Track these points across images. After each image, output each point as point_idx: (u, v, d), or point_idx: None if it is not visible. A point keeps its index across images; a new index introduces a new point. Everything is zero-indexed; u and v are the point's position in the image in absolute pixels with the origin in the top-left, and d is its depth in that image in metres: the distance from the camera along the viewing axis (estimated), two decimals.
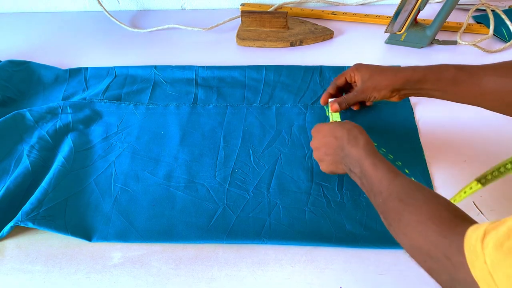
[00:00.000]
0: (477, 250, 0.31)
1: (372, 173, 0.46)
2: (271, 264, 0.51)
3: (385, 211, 0.44)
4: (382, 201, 0.44)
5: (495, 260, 0.30)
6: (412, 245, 0.40)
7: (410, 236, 0.40)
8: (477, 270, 0.31)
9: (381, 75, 0.61)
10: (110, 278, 0.50)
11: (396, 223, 0.42)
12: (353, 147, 0.50)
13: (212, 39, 0.89)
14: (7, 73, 0.77)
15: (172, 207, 0.57)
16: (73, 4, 0.98)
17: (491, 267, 0.30)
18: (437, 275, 0.38)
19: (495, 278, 0.30)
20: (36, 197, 0.56)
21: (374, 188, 0.46)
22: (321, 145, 0.55)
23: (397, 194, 0.43)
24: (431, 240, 0.38)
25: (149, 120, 0.70)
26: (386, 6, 0.94)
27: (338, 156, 0.53)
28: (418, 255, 0.40)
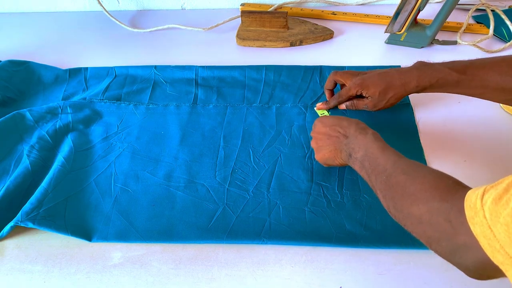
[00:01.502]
0: (477, 207, 0.32)
1: (378, 154, 0.47)
2: (271, 264, 0.51)
3: (388, 188, 0.44)
4: (386, 177, 0.44)
5: (494, 213, 0.30)
6: (413, 216, 0.40)
7: (412, 207, 0.40)
8: (477, 226, 0.32)
9: (396, 95, 0.62)
10: (110, 278, 0.50)
11: (398, 197, 0.42)
12: (361, 134, 0.52)
13: (212, 39, 0.89)
14: (7, 73, 0.77)
15: (172, 207, 0.57)
16: (73, 4, 0.98)
17: (490, 221, 0.30)
18: (437, 244, 0.38)
19: (494, 231, 0.30)
20: (36, 197, 0.56)
21: (379, 168, 0.46)
22: (323, 133, 0.56)
23: (401, 170, 0.44)
24: (433, 206, 0.38)
25: (149, 120, 0.70)
26: (386, 6, 0.94)
27: (341, 143, 0.54)
28: (419, 226, 0.40)
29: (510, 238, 0.29)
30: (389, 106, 0.65)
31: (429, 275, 0.49)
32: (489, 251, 0.31)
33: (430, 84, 0.59)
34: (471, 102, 0.71)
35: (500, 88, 0.54)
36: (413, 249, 0.51)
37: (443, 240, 0.37)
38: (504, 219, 0.29)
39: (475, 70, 0.56)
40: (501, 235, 0.30)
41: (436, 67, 0.59)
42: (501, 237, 0.30)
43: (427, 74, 0.59)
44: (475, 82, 0.56)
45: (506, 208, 0.29)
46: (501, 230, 0.30)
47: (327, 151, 0.56)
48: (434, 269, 0.50)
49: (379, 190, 0.46)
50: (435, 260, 0.50)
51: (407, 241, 0.51)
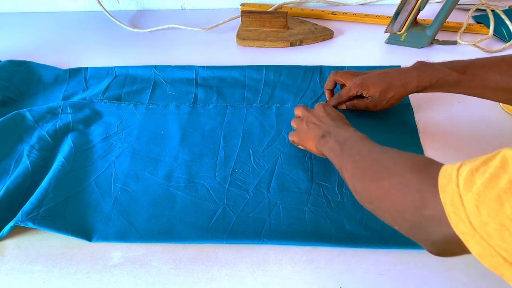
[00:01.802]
0: (452, 176, 0.31)
1: (359, 138, 0.49)
2: (271, 264, 0.51)
3: (359, 166, 0.44)
4: (360, 157, 0.45)
5: (468, 183, 0.29)
6: (383, 189, 0.40)
7: (384, 180, 0.40)
8: (447, 195, 0.31)
9: (396, 94, 0.62)
10: (110, 278, 0.50)
11: (370, 173, 0.42)
12: (345, 125, 0.54)
13: (212, 39, 0.89)
14: (7, 73, 0.77)
15: (172, 207, 0.57)
16: (73, 4, 0.98)
17: (462, 190, 0.30)
18: (402, 218, 0.37)
19: (464, 199, 0.29)
20: (36, 197, 0.56)
21: (353, 149, 0.47)
22: (309, 116, 0.58)
23: (378, 149, 0.45)
24: (406, 177, 0.37)
25: (149, 120, 0.70)
26: (386, 6, 0.94)
27: (322, 127, 0.55)
28: (386, 200, 0.39)
29: (478, 208, 0.28)
30: (389, 106, 0.65)
31: (429, 275, 0.49)
32: (454, 220, 0.30)
33: (430, 84, 0.59)
34: (471, 102, 0.71)
35: (500, 88, 0.54)
36: (413, 249, 0.51)
37: (410, 212, 0.36)
38: (477, 188, 0.28)
39: (475, 70, 0.56)
40: (469, 204, 0.29)
41: (436, 67, 0.59)
42: (469, 206, 0.29)
43: (427, 74, 0.59)
44: (475, 82, 0.56)
45: (481, 178, 0.29)
46: (470, 199, 0.29)
47: (306, 131, 0.57)
48: (434, 269, 0.50)
49: (348, 168, 0.46)
50: (435, 260, 0.50)
51: (407, 241, 0.51)
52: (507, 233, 0.26)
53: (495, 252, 0.28)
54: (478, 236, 0.28)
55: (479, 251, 0.29)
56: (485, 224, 0.28)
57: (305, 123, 0.58)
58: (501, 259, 0.27)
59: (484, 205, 0.28)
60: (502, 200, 0.27)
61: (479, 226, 0.28)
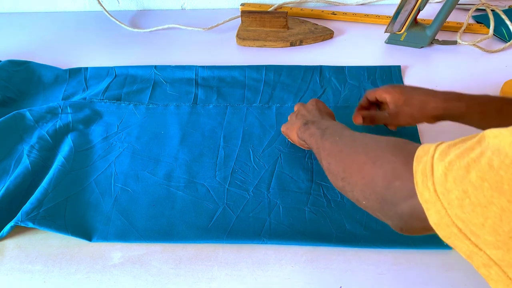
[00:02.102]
0: (430, 150, 0.31)
1: (341, 126, 0.50)
2: (271, 264, 0.51)
3: (336, 145, 0.45)
4: (339, 138, 0.45)
5: (443, 154, 0.30)
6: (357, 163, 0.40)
7: (359, 155, 0.40)
8: (421, 164, 0.31)
9: (419, 102, 0.56)
10: (110, 278, 0.50)
11: (346, 151, 0.43)
12: (330, 119, 0.55)
13: (212, 39, 0.89)
14: (7, 73, 0.77)
15: (172, 207, 0.57)
16: (73, 4, 0.98)
17: (435, 160, 0.30)
18: (371, 191, 0.37)
19: (435, 169, 0.29)
20: (36, 197, 0.56)
21: (338, 131, 0.47)
22: (301, 109, 0.59)
23: (360, 133, 0.45)
24: (381, 152, 0.38)
25: (149, 120, 0.70)
26: (386, 6, 0.94)
27: (307, 117, 0.56)
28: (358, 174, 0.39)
29: (446, 175, 0.28)
30: (408, 125, 0.59)
31: (429, 275, 0.49)
32: (420, 188, 0.30)
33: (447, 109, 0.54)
34: None
35: None
36: (413, 249, 0.51)
37: (380, 184, 0.36)
38: (449, 158, 0.29)
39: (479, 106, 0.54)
40: (438, 172, 0.29)
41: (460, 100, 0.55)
42: (438, 174, 0.29)
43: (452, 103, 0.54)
44: None
45: (455, 151, 0.29)
46: (440, 168, 0.29)
47: (295, 121, 0.58)
48: (434, 269, 0.50)
49: (326, 147, 0.46)
50: (435, 260, 0.50)
51: (407, 241, 0.51)
52: (467, 201, 0.27)
53: (451, 222, 0.28)
54: (439, 204, 0.28)
55: (436, 220, 0.29)
56: (449, 191, 0.28)
57: (295, 115, 0.60)
58: (456, 229, 0.28)
59: (452, 172, 0.28)
60: (470, 168, 0.27)
61: (442, 193, 0.28)
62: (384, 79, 0.75)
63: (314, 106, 0.59)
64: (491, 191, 0.26)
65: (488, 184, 0.26)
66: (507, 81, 0.71)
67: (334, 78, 0.76)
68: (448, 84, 0.74)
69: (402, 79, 0.76)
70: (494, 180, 0.25)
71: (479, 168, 0.26)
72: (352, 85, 0.74)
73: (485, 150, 0.27)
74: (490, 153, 0.26)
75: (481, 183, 0.26)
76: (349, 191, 0.41)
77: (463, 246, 0.28)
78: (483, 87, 0.73)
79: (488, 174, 0.26)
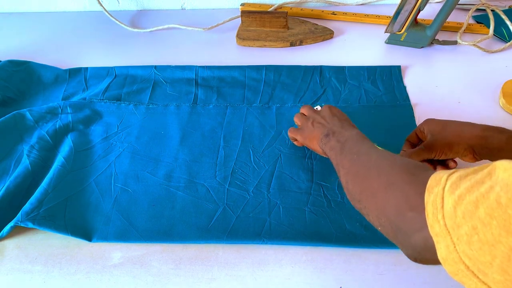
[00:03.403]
0: (441, 180, 0.31)
1: (360, 138, 0.48)
2: (271, 264, 0.51)
3: (355, 163, 0.44)
4: (357, 156, 0.45)
5: (454, 186, 0.29)
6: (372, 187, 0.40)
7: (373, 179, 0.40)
8: (432, 195, 0.30)
9: (456, 129, 0.53)
10: (110, 278, 0.50)
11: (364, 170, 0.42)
12: (349, 126, 0.53)
13: (212, 39, 0.89)
14: (7, 73, 0.77)
15: (172, 207, 0.57)
16: (73, 4, 0.98)
17: (446, 192, 0.29)
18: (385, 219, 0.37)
19: (445, 201, 0.29)
20: (36, 197, 0.56)
21: (357, 146, 0.47)
22: (316, 116, 0.57)
23: (378, 151, 0.44)
24: (396, 177, 0.37)
25: (149, 120, 0.70)
26: (386, 6, 0.94)
27: (327, 126, 0.54)
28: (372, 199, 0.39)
29: (455, 209, 0.28)
30: (445, 157, 0.54)
31: (429, 275, 0.49)
32: (431, 220, 0.30)
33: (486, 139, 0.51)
34: (471, 102, 0.71)
35: None
36: None
37: (393, 213, 0.36)
38: (459, 191, 0.28)
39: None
40: (448, 205, 0.29)
41: None
42: (448, 207, 0.29)
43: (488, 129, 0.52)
44: None
45: (466, 183, 0.28)
46: (450, 201, 0.29)
47: (312, 130, 0.56)
48: (434, 269, 0.49)
49: (345, 165, 0.46)
50: None
51: None
52: (475, 238, 0.26)
53: (459, 259, 0.27)
54: (448, 238, 0.28)
55: (444, 255, 0.29)
56: (459, 226, 0.27)
57: (311, 123, 0.57)
58: (464, 266, 0.27)
59: (461, 207, 0.28)
60: (478, 203, 0.27)
61: (452, 227, 0.28)
62: (384, 79, 0.75)
63: (331, 113, 0.56)
64: (499, 229, 0.25)
65: (496, 222, 0.25)
66: (507, 81, 0.71)
67: (334, 78, 0.76)
68: (448, 84, 0.75)
69: (402, 79, 0.76)
70: (502, 218, 0.25)
71: (487, 204, 0.26)
72: (352, 85, 0.74)
73: (494, 185, 0.26)
74: (498, 189, 0.26)
75: (490, 220, 0.26)
76: (365, 214, 0.41)
77: (471, 284, 0.27)
78: (483, 87, 0.74)
79: (497, 212, 0.25)
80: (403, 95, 0.72)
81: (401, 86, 0.74)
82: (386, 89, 0.74)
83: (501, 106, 0.70)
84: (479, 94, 0.72)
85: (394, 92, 0.73)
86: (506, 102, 0.68)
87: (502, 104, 0.69)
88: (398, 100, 0.71)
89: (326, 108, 0.58)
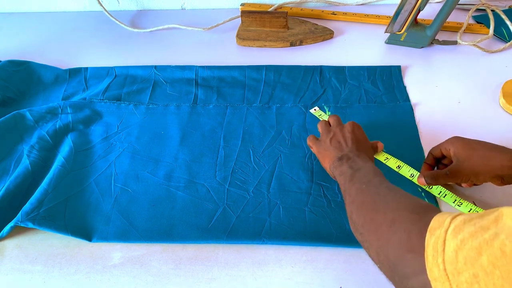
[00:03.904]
0: (445, 222, 0.30)
1: (373, 171, 0.48)
2: (271, 264, 0.51)
3: (361, 194, 0.44)
4: (366, 186, 0.45)
5: (457, 229, 0.28)
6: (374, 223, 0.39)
7: (378, 214, 0.39)
8: (433, 238, 0.30)
9: (483, 157, 0.50)
10: (110, 278, 0.50)
11: (369, 203, 0.42)
12: (366, 156, 0.52)
13: (212, 39, 0.89)
14: (7, 73, 0.77)
15: (172, 207, 0.57)
16: (73, 4, 0.98)
17: (449, 235, 0.29)
18: (384, 257, 0.36)
19: (446, 244, 0.28)
20: (36, 197, 0.56)
21: (363, 178, 0.46)
22: (337, 132, 0.56)
23: (387, 185, 0.44)
24: (400, 215, 0.37)
25: (149, 120, 0.70)
26: (386, 6, 0.94)
27: (344, 150, 0.54)
28: (374, 234, 0.38)
29: (457, 254, 0.27)
30: (470, 183, 0.52)
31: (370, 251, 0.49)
32: (430, 263, 0.29)
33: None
34: (471, 102, 0.71)
35: None
36: None
37: (393, 251, 0.35)
38: (462, 236, 0.27)
39: None
40: (450, 249, 0.28)
41: None
42: (449, 251, 0.28)
43: None
44: None
45: (470, 228, 0.28)
46: (452, 245, 0.28)
47: (328, 148, 0.55)
48: None
49: (352, 194, 0.45)
50: None
51: None
52: (476, 287, 0.25)
53: None
54: (447, 284, 0.27)
55: None
56: (459, 272, 0.27)
57: (330, 139, 0.56)
58: None
59: (463, 252, 0.27)
60: (482, 250, 0.26)
61: (452, 273, 0.27)
62: (384, 79, 0.75)
63: (352, 134, 0.55)
64: (501, 280, 0.24)
65: (499, 272, 0.24)
66: (507, 81, 0.71)
67: (334, 78, 0.76)
68: (448, 84, 0.75)
69: (402, 79, 0.76)
70: (505, 268, 0.24)
71: (491, 252, 0.25)
72: (352, 85, 0.74)
73: (500, 232, 0.26)
74: (504, 237, 0.25)
75: (493, 269, 0.25)
76: (366, 248, 0.40)
77: None
78: (483, 87, 0.74)
79: (500, 261, 0.25)
80: (403, 95, 0.72)
81: (401, 86, 0.74)
82: (386, 89, 0.74)
83: (501, 106, 0.70)
84: (479, 94, 0.72)
85: (394, 92, 0.73)
86: (506, 102, 0.68)
87: (502, 104, 0.69)
88: (398, 100, 0.71)
89: (351, 126, 0.57)
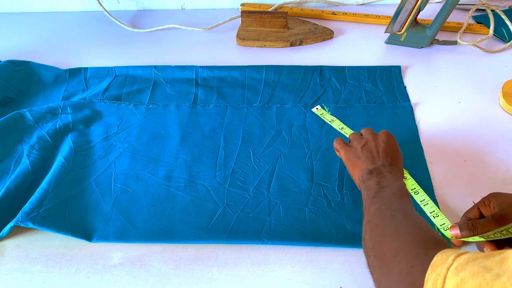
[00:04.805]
0: (448, 259, 0.30)
1: (398, 192, 0.46)
2: (271, 264, 0.51)
3: (377, 216, 0.44)
4: (385, 208, 0.44)
5: (459, 268, 0.28)
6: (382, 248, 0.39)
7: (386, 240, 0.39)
8: (434, 274, 0.30)
9: None
10: (110, 278, 0.50)
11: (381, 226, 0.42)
12: (397, 171, 0.51)
13: (212, 39, 0.89)
14: (7, 73, 0.77)
15: (172, 207, 0.57)
16: (73, 4, 0.98)
17: (450, 273, 0.29)
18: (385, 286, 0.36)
19: (447, 282, 0.28)
20: (36, 197, 0.56)
21: (391, 198, 0.45)
22: (370, 141, 0.54)
23: (406, 211, 0.43)
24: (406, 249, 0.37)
25: (149, 120, 0.70)
26: (386, 6, 0.94)
27: (376, 163, 0.52)
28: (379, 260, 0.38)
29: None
30: None
31: None
32: None
33: None
34: (471, 102, 0.71)
35: None
36: None
37: (394, 282, 0.35)
38: (463, 274, 0.27)
39: None
40: (449, 286, 0.28)
41: None
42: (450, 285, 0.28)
43: None
44: None
45: (472, 267, 0.27)
46: (452, 283, 0.28)
47: (357, 157, 0.53)
48: None
49: (370, 213, 0.45)
50: None
51: None
52: None
53: None
54: None
55: None
56: None
57: (361, 146, 0.54)
58: None
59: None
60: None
61: None
62: (384, 79, 0.75)
63: (386, 144, 0.54)
64: None
65: None
66: (507, 81, 0.71)
67: (334, 78, 0.76)
68: (448, 84, 0.75)
69: (402, 79, 0.76)
70: None
71: None
72: (352, 85, 0.74)
73: (502, 274, 0.25)
74: (505, 279, 0.25)
75: None
76: (371, 272, 0.41)
77: None
78: (483, 87, 0.74)
79: None
80: (403, 95, 0.72)
81: (401, 86, 0.74)
82: (386, 89, 0.74)
83: (501, 106, 0.70)
84: (479, 94, 0.72)
85: (394, 92, 0.73)
86: (506, 102, 0.68)
87: (502, 104, 0.69)
88: (398, 100, 0.71)
89: (384, 135, 0.55)
